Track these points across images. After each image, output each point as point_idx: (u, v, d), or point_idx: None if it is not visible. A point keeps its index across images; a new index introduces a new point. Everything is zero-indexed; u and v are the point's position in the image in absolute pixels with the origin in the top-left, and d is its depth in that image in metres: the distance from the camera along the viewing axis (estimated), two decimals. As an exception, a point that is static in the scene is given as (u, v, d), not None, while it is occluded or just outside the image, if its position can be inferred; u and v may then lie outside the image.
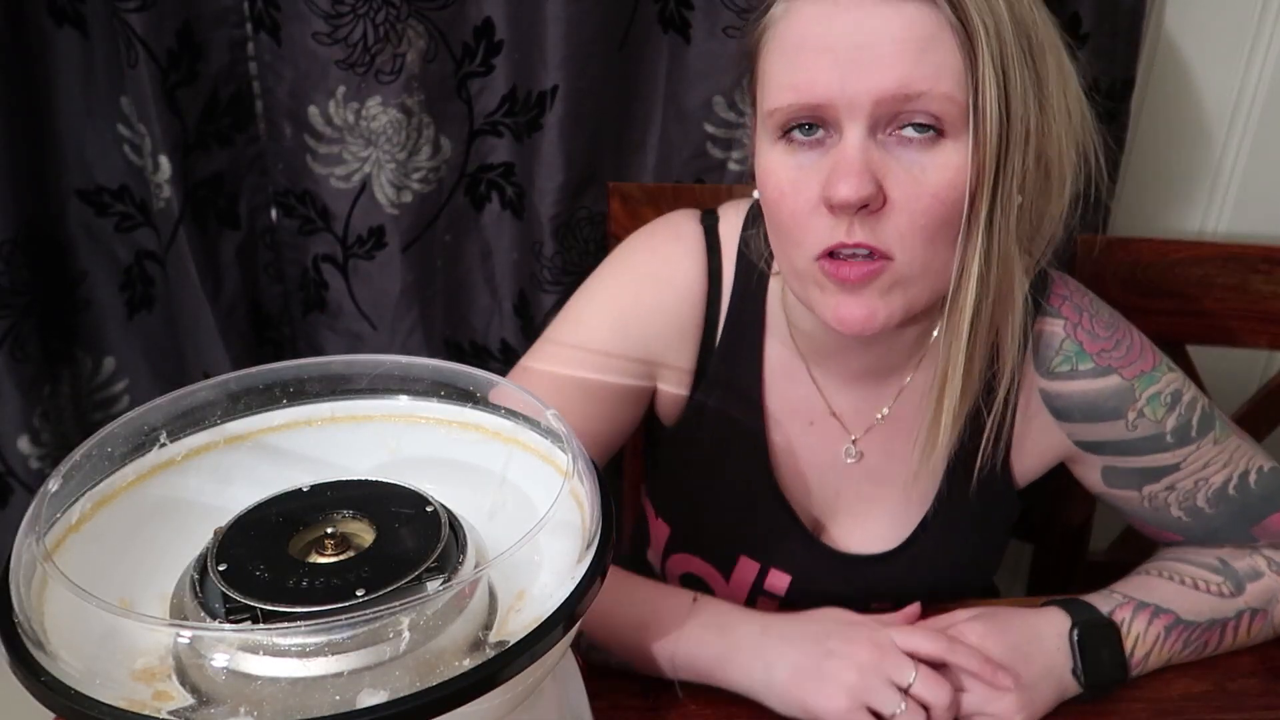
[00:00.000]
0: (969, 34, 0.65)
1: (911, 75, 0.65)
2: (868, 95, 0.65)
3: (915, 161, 0.67)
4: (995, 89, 0.65)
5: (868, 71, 0.65)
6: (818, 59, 0.67)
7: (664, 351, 0.84)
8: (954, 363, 0.72)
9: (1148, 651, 0.80)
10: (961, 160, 0.67)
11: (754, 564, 0.87)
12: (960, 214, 0.68)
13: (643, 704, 0.77)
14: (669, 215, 0.87)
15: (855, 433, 0.84)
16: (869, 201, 0.66)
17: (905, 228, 0.67)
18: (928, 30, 0.65)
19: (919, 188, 0.67)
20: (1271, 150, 1.17)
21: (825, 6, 0.67)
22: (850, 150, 0.66)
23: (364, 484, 0.55)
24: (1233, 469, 0.82)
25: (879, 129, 0.67)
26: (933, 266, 0.70)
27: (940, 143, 0.67)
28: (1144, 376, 0.80)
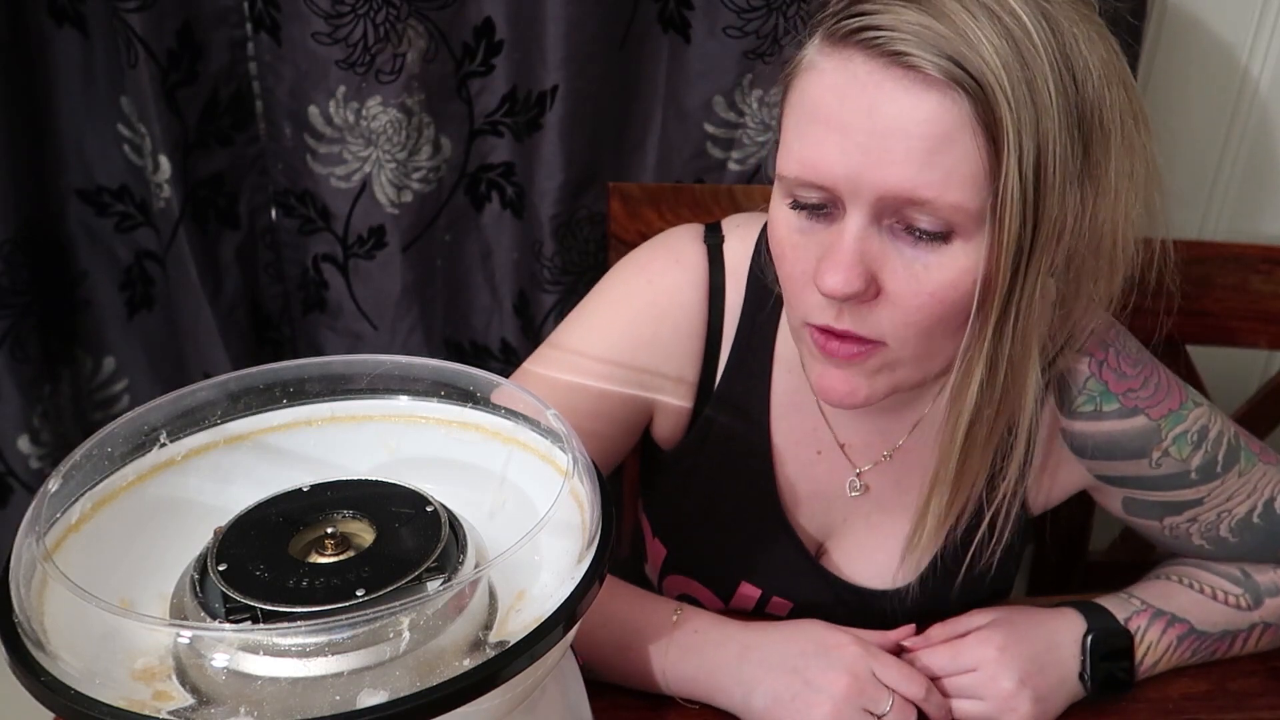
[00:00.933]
0: (994, 136, 0.59)
1: (917, 180, 0.60)
2: (872, 189, 0.61)
3: (917, 258, 0.63)
4: (1019, 196, 0.60)
5: (875, 164, 0.61)
6: (828, 137, 0.62)
7: (660, 384, 0.82)
8: (946, 466, 0.70)
9: (1157, 660, 0.79)
10: (970, 262, 0.62)
11: (755, 590, 0.85)
12: (963, 311, 0.64)
13: (643, 704, 0.76)
14: (669, 234, 0.84)
15: (862, 465, 0.82)
16: (857, 295, 0.63)
17: (898, 321, 0.64)
18: (944, 128, 0.59)
19: (917, 284, 0.63)
20: (1271, 150, 1.17)
21: (843, 77, 0.62)
22: (847, 237, 0.63)
23: (364, 484, 0.55)
24: (1257, 498, 0.80)
25: (884, 216, 0.63)
26: (927, 355, 0.67)
27: (949, 242, 0.63)
28: (1171, 416, 0.77)
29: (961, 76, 0.59)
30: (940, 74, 0.59)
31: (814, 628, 0.76)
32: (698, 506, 0.87)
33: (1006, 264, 0.61)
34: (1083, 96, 0.61)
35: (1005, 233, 0.61)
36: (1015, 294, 0.63)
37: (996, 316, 0.63)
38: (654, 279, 0.81)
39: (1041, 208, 0.61)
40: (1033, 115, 0.59)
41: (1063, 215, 0.62)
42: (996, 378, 0.66)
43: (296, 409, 0.61)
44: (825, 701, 0.71)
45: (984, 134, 0.59)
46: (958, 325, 0.65)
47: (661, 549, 0.90)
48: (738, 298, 0.80)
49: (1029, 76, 0.59)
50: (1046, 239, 0.62)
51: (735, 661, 0.74)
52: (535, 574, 0.53)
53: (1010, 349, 0.65)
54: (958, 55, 0.59)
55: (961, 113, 0.59)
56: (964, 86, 0.59)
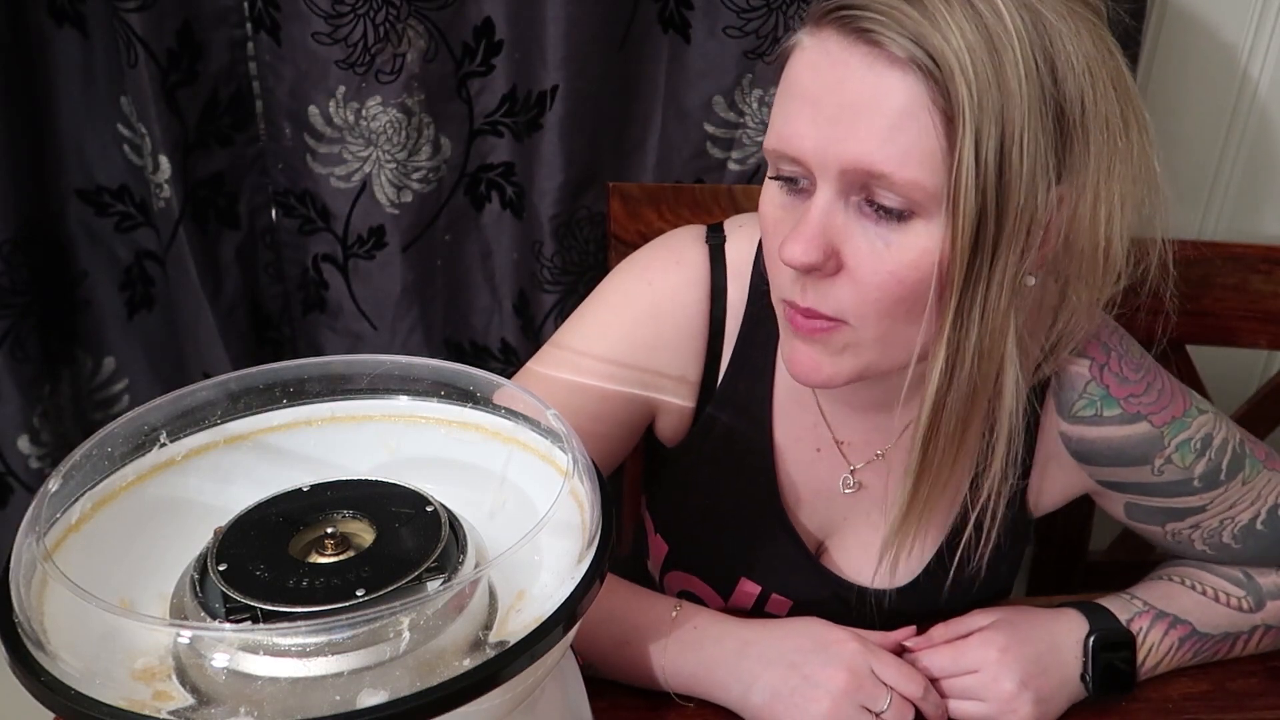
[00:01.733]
0: (950, 116, 0.60)
1: (875, 155, 0.61)
2: (835, 162, 0.63)
3: (879, 235, 0.64)
4: (974, 179, 0.60)
5: (840, 137, 0.62)
6: (800, 111, 0.64)
7: (663, 384, 0.82)
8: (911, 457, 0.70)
9: (1158, 661, 0.79)
10: (930, 243, 0.63)
11: (755, 587, 0.86)
12: (924, 296, 0.64)
13: (643, 704, 0.76)
14: (671, 235, 0.84)
15: (857, 463, 0.82)
16: (817, 268, 0.64)
17: (859, 298, 0.65)
18: (901, 105, 0.61)
19: (877, 262, 0.64)
20: (1271, 150, 1.17)
21: (818, 54, 0.64)
22: (814, 210, 0.64)
23: (364, 484, 0.55)
24: (1261, 504, 0.79)
25: (850, 193, 0.64)
26: (892, 339, 0.67)
27: (910, 221, 0.63)
28: (1175, 423, 0.76)
29: (921, 57, 0.60)
30: (902, 53, 0.60)
31: (813, 624, 0.76)
32: (699, 504, 0.88)
33: (964, 247, 0.62)
34: (1061, 90, 0.61)
35: (960, 216, 0.61)
36: (976, 281, 0.63)
37: (956, 302, 0.63)
38: (655, 280, 0.81)
39: (1006, 195, 0.61)
40: (997, 101, 0.59)
41: (1031, 206, 0.62)
42: (960, 367, 0.65)
43: (296, 409, 0.61)
44: (824, 697, 0.71)
45: (941, 115, 0.60)
46: (920, 310, 0.65)
47: (663, 546, 0.91)
48: (740, 297, 0.81)
49: (998, 63, 0.60)
50: (1014, 229, 0.62)
51: (734, 657, 0.74)
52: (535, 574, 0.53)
53: (977, 339, 0.64)
54: (919, 37, 0.60)
55: (920, 92, 0.60)
56: (922, 67, 0.60)
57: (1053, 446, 0.79)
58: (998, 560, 0.82)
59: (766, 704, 0.72)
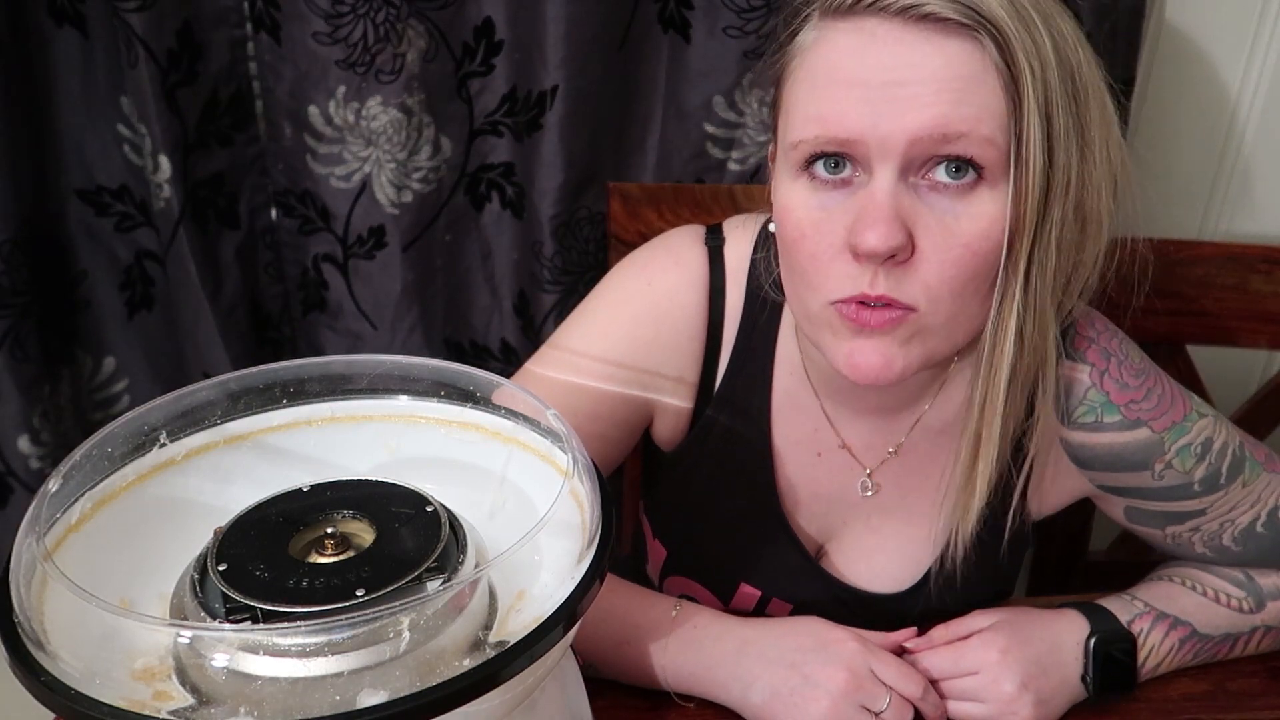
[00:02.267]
0: (1014, 76, 0.61)
1: (950, 116, 0.61)
2: (903, 134, 0.62)
3: (948, 209, 0.63)
4: (1040, 135, 0.61)
5: (903, 110, 0.61)
6: (849, 93, 0.63)
7: (661, 385, 0.82)
8: (989, 424, 0.69)
9: (1159, 662, 0.79)
10: (998, 210, 0.63)
11: (755, 592, 0.85)
12: (991, 266, 0.64)
13: (643, 704, 0.76)
14: (670, 235, 0.84)
15: (869, 465, 0.82)
16: (898, 252, 0.63)
17: (933, 280, 0.64)
18: (971, 69, 0.61)
19: (951, 238, 0.63)
20: (1271, 150, 1.17)
21: (860, 38, 0.63)
22: (880, 194, 0.63)
23: (364, 484, 0.55)
24: (1261, 507, 0.79)
25: (911, 172, 0.63)
26: (959, 319, 0.67)
27: (976, 190, 0.63)
28: (1175, 428, 0.77)
29: (980, 21, 0.61)
30: (963, 18, 0.61)
31: (813, 624, 0.76)
32: (698, 507, 0.87)
33: (1033, 208, 0.63)
34: (1064, 56, 0.64)
35: (1030, 174, 0.62)
36: (1038, 243, 0.64)
37: (1024, 264, 0.64)
38: (654, 280, 0.81)
39: (1054, 154, 0.63)
40: (1040, 64, 0.62)
41: (1069, 165, 0.64)
42: (1028, 326, 0.67)
43: (296, 409, 0.61)
44: (823, 697, 0.71)
45: (1006, 75, 0.62)
46: (987, 283, 0.66)
47: (662, 550, 0.90)
48: (738, 299, 0.80)
49: (1030, 25, 0.62)
50: (1059, 188, 0.64)
51: (734, 656, 0.74)
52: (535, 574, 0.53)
53: (1038, 296, 0.66)
54: (974, 3, 0.61)
55: (986, 55, 0.62)
56: (986, 30, 0.61)
57: (1054, 452, 0.79)
58: (998, 563, 0.82)
59: (766, 703, 0.72)
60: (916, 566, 0.82)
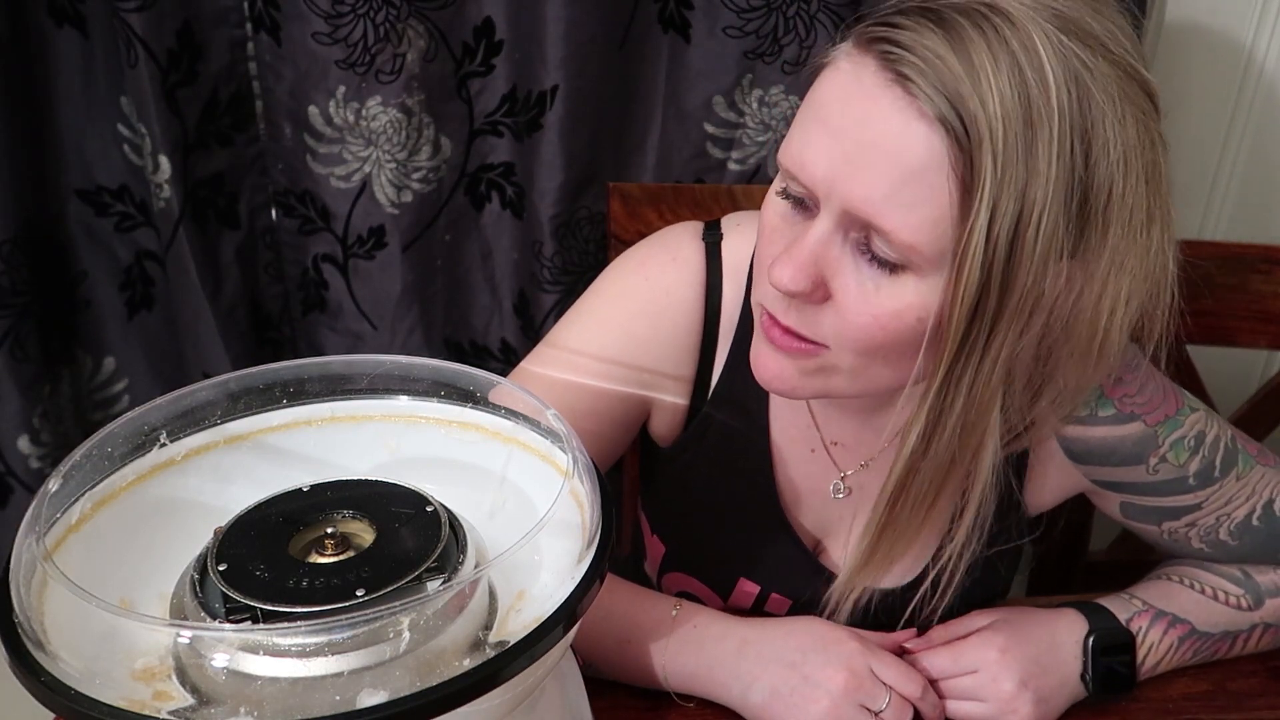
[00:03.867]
0: (969, 185, 0.58)
1: (880, 207, 0.60)
2: (839, 200, 0.61)
3: (871, 278, 0.63)
4: (982, 253, 0.58)
5: (851, 175, 0.61)
6: (821, 138, 0.63)
7: (657, 382, 0.82)
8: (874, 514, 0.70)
9: (1158, 661, 0.79)
10: (918, 299, 0.61)
11: (754, 586, 0.86)
12: (904, 346, 0.63)
13: (643, 704, 0.76)
14: (667, 232, 0.84)
15: (848, 467, 0.82)
16: (804, 295, 0.64)
17: (840, 330, 0.64)
18: (921, 162, 0.58)
19: (864, 303, 0.63)
20: (1271, 151, 1.17)
21: (851, 83, 0.62)
22: (809, 239, 0.63)
23: (364, 484, 0.55)
24: (1256, 500, 0.79)
25: (850, 229, 0.63)
26: (866, 375, 0.67)
27: (902, 274, 0.62)
28: (1168, 422, 0.77)
29: (951, 118, 0.57)
30: (932, 110, 0.58)
31: (813, 624, 0.76)
32: (696, 503, 0.88)
33: (961, 318, 0.60)
34: (1091, 175, 0.59)
35: (962, 285, 0.59)
36: (972, 353, 0.61)
37: (945, 370, 0.62)
38: (651, 277, 0.81)
39: (1013, 273, 0.59)
40: (1022, 177, 0.57)
41: (1038, 288, 0.60)
42: (941, 433, 0.64)
43: (296, 409, 0.61)
44: (823, 697, 0.71)
45: (959, 181, 0.58)
46: (899, 356, 0.65)
47: (660, 546, 0.91)
48: (735, 296, 0.80)
49: (1031, 138, 0.57)
50: (1016, 308, 0.60)
51: (734, 657, 0.74)
52: (535, 574, 0.53)
53: (962, 410, 0.63)
54: (955, 96, 0.57)
55: (942, 152, 0.58)
56: (950, 128, 0.57)
57: (1049, 447, 0.79)
58: (994, 563, 0.82)
59: (766, 703, 0.72)
60: (913, 561, 0.83)
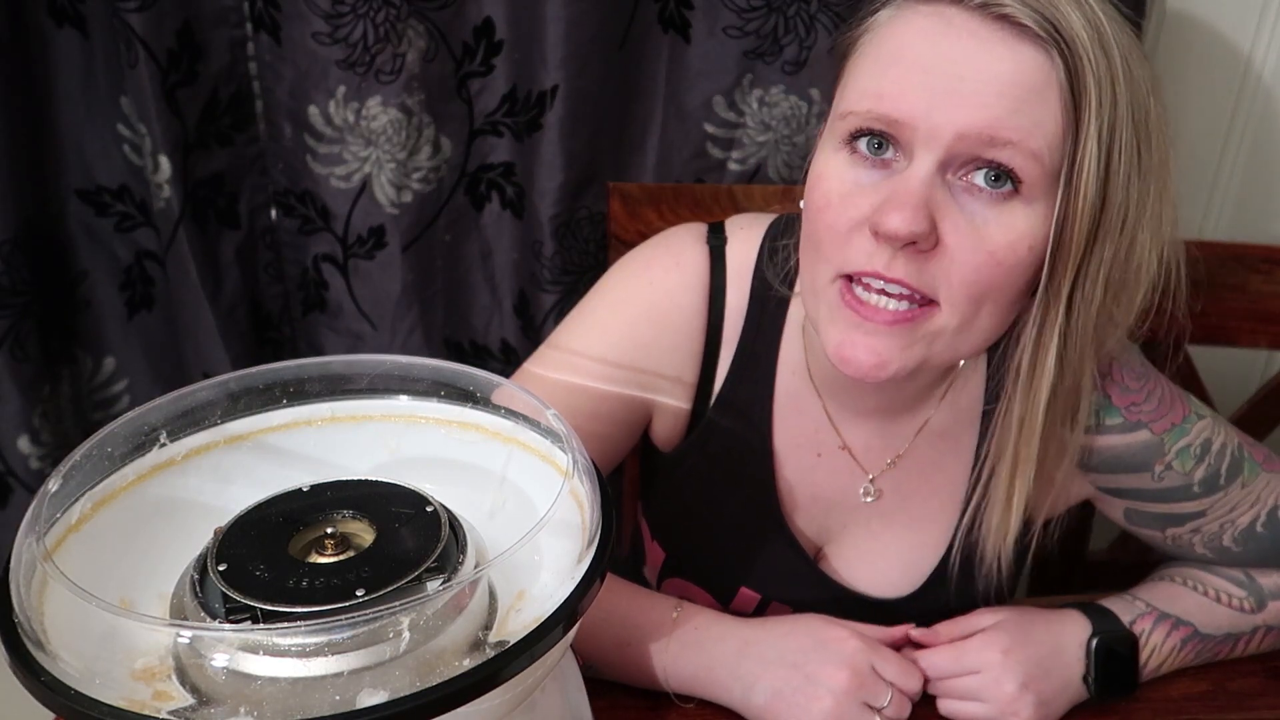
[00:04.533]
0: (1078, 99, 0.61)
1: (1003, 121, 0.61)
2: (951, 126, 0.61)
3: (979, 214, 0.63)
4: (1096, 164, 0.61)
5: (959, 103, 0.61)
6: (909, 75, 0.62)
7: (660, 386, 0.81)
8: (1027, 446, 0.70)
9: (1161, 663, 0.79)
10: (1028, 227, 0.63)
11: (755, 595, 0.85)
12: (1014, 281, 0.64)
13: (643, 704, 0.76)
14: (671, 234, 0.83)
15: (871, 470, 0.81)
16: (919, 239, 0.62)
17: (955, 278, 0.63)
18: (1036, 81, 0.61)
19: (978, 241, 0.63)
20: (1271, 150, 1.17)
21: (937, 22, 0.62)
22: (914, 181, 0.62)
23: (364, 484, 0.55)
24: (1260, 507, 0.79)
25: (951, 168, 0.63)
26: (972, 327, 0.66)
27: (1011, 201, 0.63)
28: (1174, 430, 0.77)
29: (1056, 36, 0.61)
30: (1038, 28, 0.61)
31: (814, 622, 0.76)
32: (696, 509, 0.87)
33: (1080, 234, 0.62)
34: (1137, 98, 0.63)
35: (1081, 199, 0.62)
36: (1084, 270, 0.64)
37: (1069, 288, 0.64)
38: (654, 280, 0.80)
39: (1110, 187, 0.62)
40: (1111, 95, 0.61)
41: (1126, 204, 0.63)
42: (1070, 353, 0.66)
43: (296, 409, 0.61)
44: (826, 696, 0.71)
45: (1069, 96, 0.61)
46: (1007, 297, 0.65)
47: (660, 551, 0.90)
48: (740, 300, 0.80)
49: (1109, 58, 0.61)
50: (1114, 223, 0.63)
51: (735, 657, 0.74)
52: (535, 574, 0.53)
53: (1080, 327, 0.65)
54: (1054, 17, 0.61)
55: (1053, 70, 0.61)
56: (1058, 46, 0.61)
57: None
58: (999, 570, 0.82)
59: (768, 704, 0.72)
60: (917, 572, 0.82)
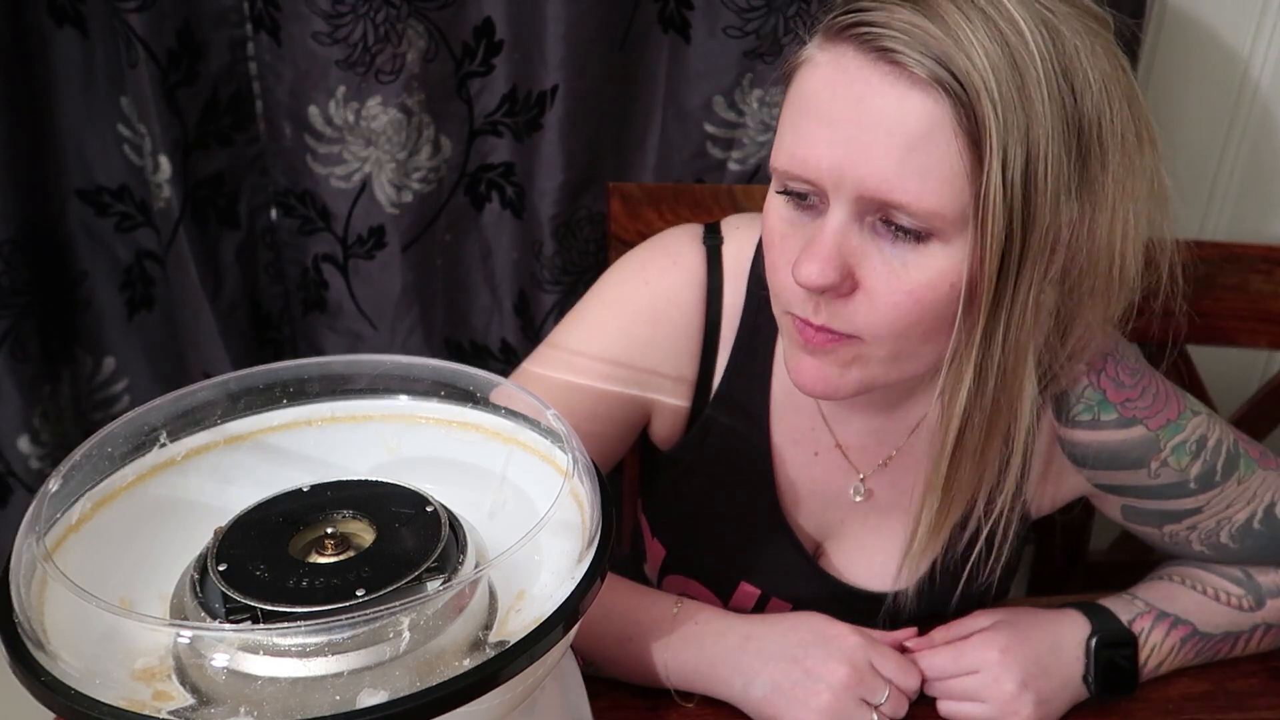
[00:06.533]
0: (977, 138, 0.59)
1: (894, 182, 0.60)
2: (853, 185, 0.62)
3: (897, 255, 0.63)
4: (1002, 200, 0.59)
5: (857, 160, 0.61)
6: (817, 130, 0.63)
7: (658, 384, 0.82)
8: (937, 472, 0.70)
9: (1160, 662, 0.79)
10: (949, 264, 0.62)
11: (754, 590, 0.85)
12: (941, 316, 0.64)
13: (643, 704, 0.76)
14: (668, 234, 0.84)
15: (864, 469, 0.82)
16: (833, 288, 0.63)
17: (874, 318, 0.64)
18: (923, 127, 0.60)
19: (895, 282, 0.63)
20: (1271, 150, 1.17)
21: (835, 72, 0.63)
22: (827, 232, 0.63)
23: (364, 484, 0.55)
24: (1257, 504, 0.79)
25: (865, 214, 0.63)
26: (903, 356, 0.67)
27: (928, 243, 0.63)
28: (1170, 426, 0.77)
29: (945, 78, 0.59)
30: (924, 74, 0.59)
31: (813, 619, 0.76)
32: (696, 506, 0.88)
33: (992, 268, 0.61)
34: (1081, 109, 0.61)
35: (988, 237, 0.61)
36: (1004, 301, 0.63)
37: (984, 321, 0.63)
38: (652, 280, 0.81)
39: (1032, 215, 0.61)
40: (1023, 121, 0.59)
41: (1056, 225, 0.62)
42: (986, 385, 0.66)
43: (296, 409, 0.61)
44: (824, 691, 0.71)
45: (965, 137, 0.59)
46: (935, 329, 0.65)
47: (660, 549, 0.91)
48: (737, 299, 0.80)
49: (1020, 83, 0.59)
50: (1039, 248, 0.62)
51: (735, 652, 0.74)
52: (535, 574, 0.53)
53: (1001, 357, 0.65)
54: (944, 57, 0.59)
55: (943, 113, 0.59)
56: (946, 88, 0.59)
57: (1052, 451, 0.79)
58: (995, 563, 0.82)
59: (767, 698, 0.72)
60: (912, 570, 0.82)
